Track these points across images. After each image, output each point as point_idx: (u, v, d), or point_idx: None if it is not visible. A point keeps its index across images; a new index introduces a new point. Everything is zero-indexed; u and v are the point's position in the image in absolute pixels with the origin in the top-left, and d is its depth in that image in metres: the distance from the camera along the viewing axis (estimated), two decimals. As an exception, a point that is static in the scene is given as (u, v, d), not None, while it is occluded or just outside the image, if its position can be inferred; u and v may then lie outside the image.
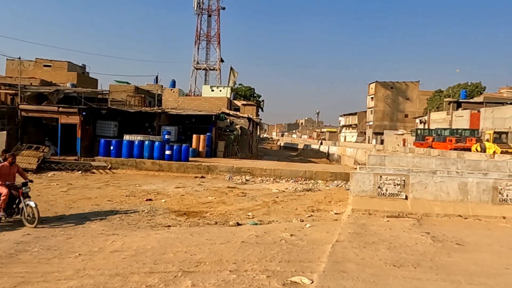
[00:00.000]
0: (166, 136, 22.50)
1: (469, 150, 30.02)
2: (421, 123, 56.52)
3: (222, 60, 68.39)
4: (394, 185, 9.00)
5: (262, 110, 59.45)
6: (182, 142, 22.59)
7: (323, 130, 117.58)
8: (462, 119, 43.72)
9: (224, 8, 69.17)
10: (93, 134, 23.07)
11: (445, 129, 40.63)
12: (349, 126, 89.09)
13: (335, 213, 10.52)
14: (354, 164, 29.16)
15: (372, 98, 76.33)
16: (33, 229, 7.81)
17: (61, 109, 21.47)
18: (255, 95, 63.86)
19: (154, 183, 15.84)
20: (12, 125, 21.45)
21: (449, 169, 13.18)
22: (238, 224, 8.95)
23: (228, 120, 29.93)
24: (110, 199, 12.03)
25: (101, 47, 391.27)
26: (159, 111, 25.28)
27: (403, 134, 59.96)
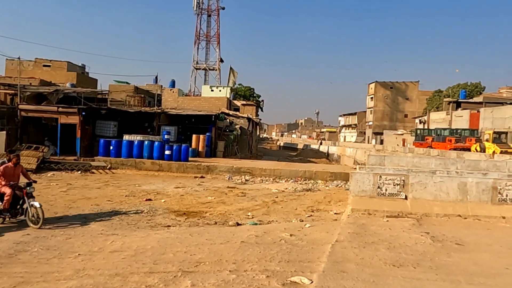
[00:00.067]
0: (166, 136, 22.49)
1: (469, 150, 30.06)
2: (420, 123, 56.57)
3: (222, 60, 68.39)
4: (394, 185, 9.00)
5: (262, 110, 59.46)
6: (181, 142, 22.57)
7: (323, 130, 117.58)
8: (461, 119, 43.75)
9: (223, 8, 69.17)
10: (93, 134, 23.06)
11: (444, 129, 40.68)
12: (349, 126, 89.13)
13: (335, 213, 10.52)
14: (354, 164, 29.17)
15: (371, 98, 76.37)
16: (33, 230, 7.80)
17: (60, 109, 21.48)
18: (254, 95, 63.93)
19: (154, 183, 15.85)
20: (12, 125, 21.44)
21: (448, 169, 13.19)
22: (238, 224, 8.95)
23: (228, 120, 29.93)
24: (110, 199, 12.03)
25: (101, 47, 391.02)
26: (159, 111, 25.28)
27: (402, 134, 60.02)
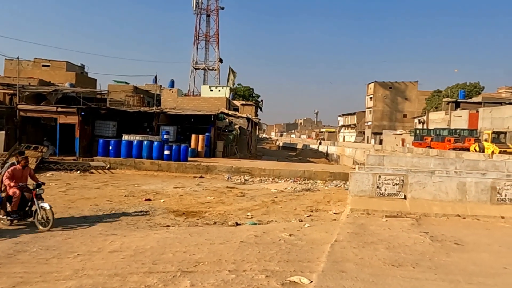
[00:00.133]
0: (165, 136, 22.47)
1: (468, 150, 30.13)
2: (419, 123, 56.64)
3: (221, 60, 68.47)
4: (393, 185, 9.00)
5: (261, 110, 59.58)
6: (181, 142, 22.54)
7: (322, 130, 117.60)
8: (460, 119, 43.82)
9: (223, 8, 69.26)
10: (92, 134, 23.03)
11: (443, 129, 40.72)
12: (348, 126, 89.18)
13: (334, 213, 10.53)
14: (353, 164, 29.17)
15: (371, 98, 76.41)
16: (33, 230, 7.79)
17: (59, 109, 21.44)
18: (254, 95, 64.02)
19: (153, 183, 15.83)
20: (11, 125, 21.40)
21: (447, 169, 13.21)
22: (237, 224, 8.94)
23: (227, 120, 29.92)
24: (109, 199, 12.02)
25: (101, 47, 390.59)
26: (158, 111, 25.25)
27: (401, 134, 60.09)
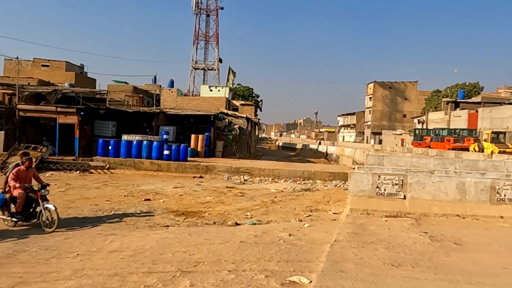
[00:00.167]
0: (165, 136, 22.46)
1: (467, 150, 30.14)
2: (419, 123, 56.68)
3: (221, 60, 68.51)
4: (393, 185, 9.01)
5: (261, 110, 59.57)
6: (180, 142, 22.54)
7: (322, 130, 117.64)
8: (460, 119, 43.85)
9: (222, 8, 69.30)
10: (91, 134, 23.00)
11: (443, 129, 40.73)
12: (348, 126, 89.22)
13: (334, 213, 10.53)
14: (353, 164, 29.17)
15: (370, 98, 76.46)
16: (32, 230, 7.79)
17: (59, 109, 21.43)
18: (253, 95, 64.01)
19: (153, 183, 15.83)
20: (10, 125, 21.39)
21: (447, 169, 13.21)
22: (237, 224, 8.95)
23: (227, 120, 29.91)
24: (109, 199, 12.02)
25: (101, 47, 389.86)
26: (158, 111, 25.24)
27: (401, 134, 60.13)
